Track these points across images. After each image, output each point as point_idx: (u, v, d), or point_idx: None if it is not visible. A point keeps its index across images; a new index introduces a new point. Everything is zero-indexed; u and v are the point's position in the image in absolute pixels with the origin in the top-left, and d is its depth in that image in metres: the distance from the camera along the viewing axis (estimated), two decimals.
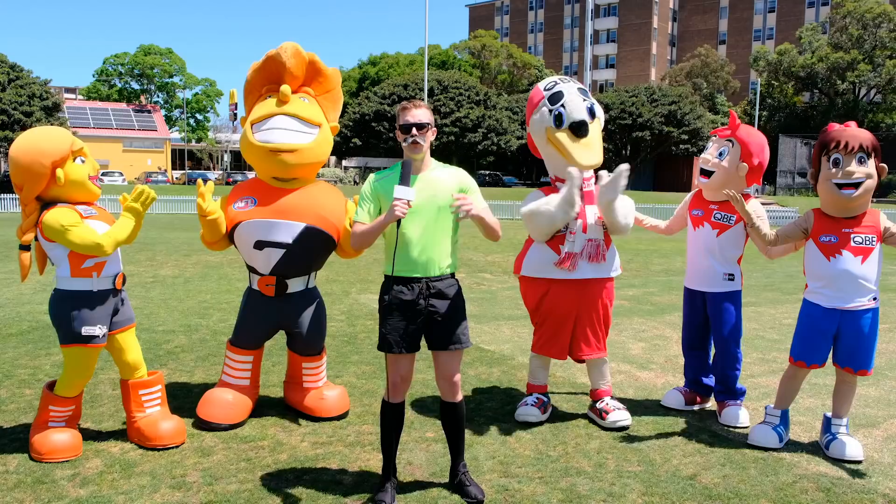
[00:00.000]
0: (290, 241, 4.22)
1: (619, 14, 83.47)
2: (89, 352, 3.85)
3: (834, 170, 3.93)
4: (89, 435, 4.18)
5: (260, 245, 4.24)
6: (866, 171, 3.90)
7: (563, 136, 4.30)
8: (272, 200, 4.26)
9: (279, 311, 4.42)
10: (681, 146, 54.13)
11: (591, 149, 4.30)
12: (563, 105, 4.32)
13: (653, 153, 56.01)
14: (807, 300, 4.19)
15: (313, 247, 4.32)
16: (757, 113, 29.95)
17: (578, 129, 4.28)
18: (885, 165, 4.00)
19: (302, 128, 4.31)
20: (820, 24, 60.76)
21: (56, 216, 3.66)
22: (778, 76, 57.71)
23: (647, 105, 53.69)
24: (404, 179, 3.26)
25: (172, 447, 4.01)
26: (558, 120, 4.33)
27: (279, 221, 4.21)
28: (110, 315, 3.92)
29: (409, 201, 3.22)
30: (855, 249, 3.95)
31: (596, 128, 4.41)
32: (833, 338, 4.10)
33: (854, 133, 3.96)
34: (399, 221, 3.27)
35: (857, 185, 3.89)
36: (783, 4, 76.15)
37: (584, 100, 4.37)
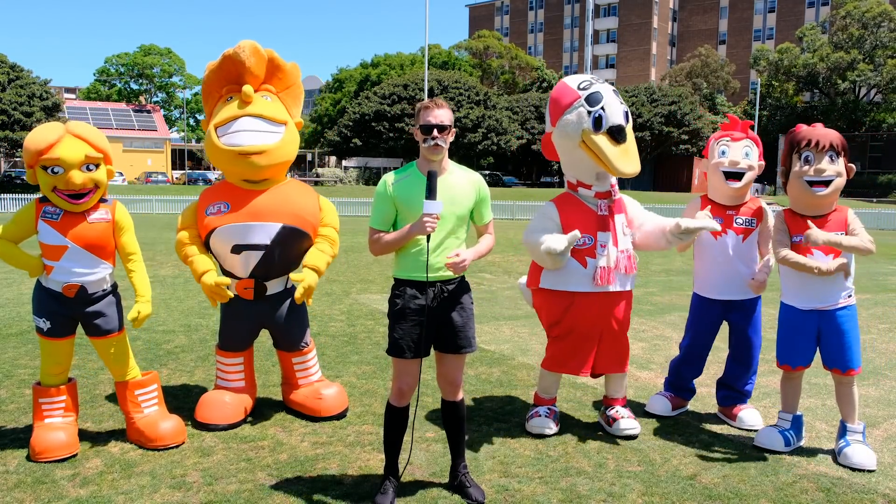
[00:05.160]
0: (268, 242, 4.20)
1: (619, 14, 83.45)
2: (41, 341, 3.95)
3: (805, 167, 3.97)
4: (89, 435, 4.19)
5: (237, 249, 4.21)
6: (836, 170, 3.95)
7: (602, 140, 4.02)
8: (245, 203, 4.22)
9: (259, 312, 4.42)
10: (681, 146, 54.13)
11: (630, 156, 4.07)
12: (602, 107, 4.04)
13: (653, 153, 56.01)
14: (783, 303, 4.20)
15: (291, 246, 4.31)
16: (757, 113, 29.88)
17: (618, 134, 4.02)
18: (853, 165, 4.05)
19: (268, 127, 4.26)
20: (820, 24, 60.77)
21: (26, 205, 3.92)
22: (778, 76, 57.70)
23: (647, 105, 53.67)
24: (431, 193, 3.18)
25: (172, 447, 4.01)
26: (598, 123, 4.04)
27: (255, 224, 4.18)
28: (63, 316, 3.88)
29: (437, 215, 3.19)
30: (825, 248, 3.94)
31: (630, 133, 4.17)
32: (815, 339, 4.10)
33: (824, 132, 4.01)
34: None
35: (827, 184, 3.94)
36: (783, 4, 76.14)
37: (621, 103, 4.12)
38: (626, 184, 56.36)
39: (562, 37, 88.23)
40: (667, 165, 56.80)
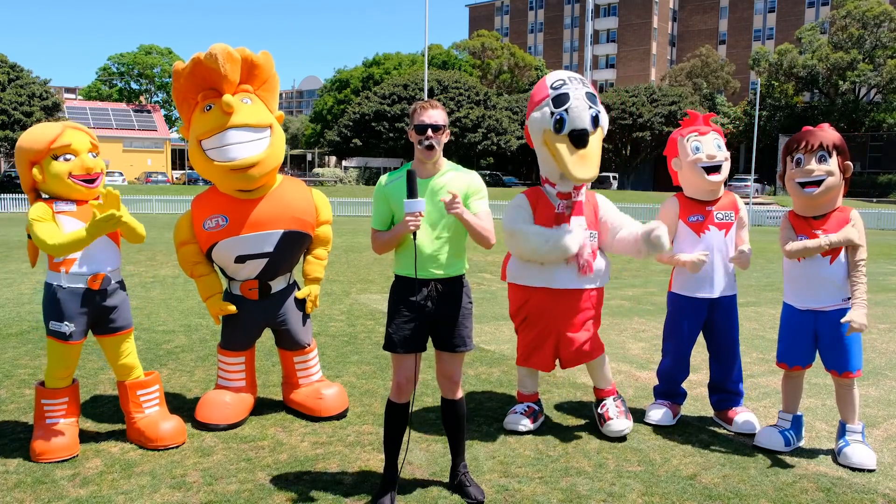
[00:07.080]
0: (272, 249, 4.24)
1: (619, 14, 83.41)
2: (59, 347, 3.90)
3: (796, 169, 3.99)
4: (89, 435, 4.19)
5: (241, 259, 4.24)
6: (826, 169, 3.91)
7: (560, 144, 4.01)
8: (244, 214, 4.19)
9: (263, 311, 4.43)
10: None
11: (587, 161, 3.98)
12: (566, 110, 4.00)
13: (653, 153, 56.02)
14: (784, 302, 4.22)
15: (294, 248, 4.36)
16: (757, 113, 29.91)
17: (578, 140, 3.97)
18: (850, 164, 4.00)
19: (255, 136, 4.15)
20: (820, 24, 60.71)
21: (32, 209, 3.81)
22: (778, 76, 57.66)
23: (647, 105, 53.70)
24: (411, 192, 3.22)
25: (173, 447, 4.01)
26: (559, 125, 4.02)
27: (256, 234, 4.19)
28: (85, 315, 3.88)
29: (419, 213, 3.22)
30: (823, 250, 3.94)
31: (597, 138, 4.08)
32: (813, 339, 4.09)
33: (817, 133, 3.99)
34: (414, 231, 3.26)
35: (818, 183, 3.92)
36: (783, 4, 76.09)
37: (591, 107, 4.03)
38: (627, 183, 56.39)
39: (562, 37, 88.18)
40: (667, 166, 56.82)
